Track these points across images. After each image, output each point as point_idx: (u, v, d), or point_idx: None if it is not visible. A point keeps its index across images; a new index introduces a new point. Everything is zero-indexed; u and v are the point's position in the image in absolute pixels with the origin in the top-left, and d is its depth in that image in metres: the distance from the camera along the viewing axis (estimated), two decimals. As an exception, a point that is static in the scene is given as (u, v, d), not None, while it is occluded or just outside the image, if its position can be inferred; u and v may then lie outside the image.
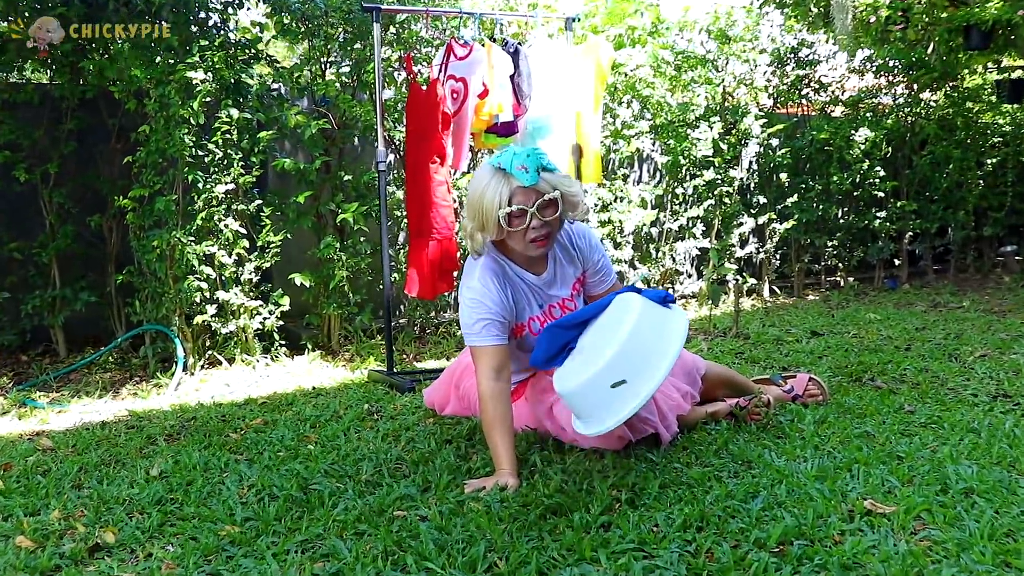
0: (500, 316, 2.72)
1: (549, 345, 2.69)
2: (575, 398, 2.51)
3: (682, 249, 6.86)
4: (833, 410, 3.20)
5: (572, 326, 2.70)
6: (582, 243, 2.95)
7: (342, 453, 2.94)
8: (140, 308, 4.87)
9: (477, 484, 2.47)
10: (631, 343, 2.42)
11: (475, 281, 2.74)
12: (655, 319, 2.53)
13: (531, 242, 2.66)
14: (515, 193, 2.57)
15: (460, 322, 2.79)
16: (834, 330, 5.27)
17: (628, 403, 2.39)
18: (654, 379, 2.39)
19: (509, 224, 2.61)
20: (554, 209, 2.64)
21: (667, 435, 2.78)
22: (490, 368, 2.66)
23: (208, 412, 3.76)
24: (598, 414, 2.45)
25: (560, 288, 2.91)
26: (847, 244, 7.69)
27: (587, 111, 4.61)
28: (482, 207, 2.61)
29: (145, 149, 4.58)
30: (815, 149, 7.24)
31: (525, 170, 2.56)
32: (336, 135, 5.16)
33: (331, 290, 5.01)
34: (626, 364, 2.41)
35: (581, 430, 2.52)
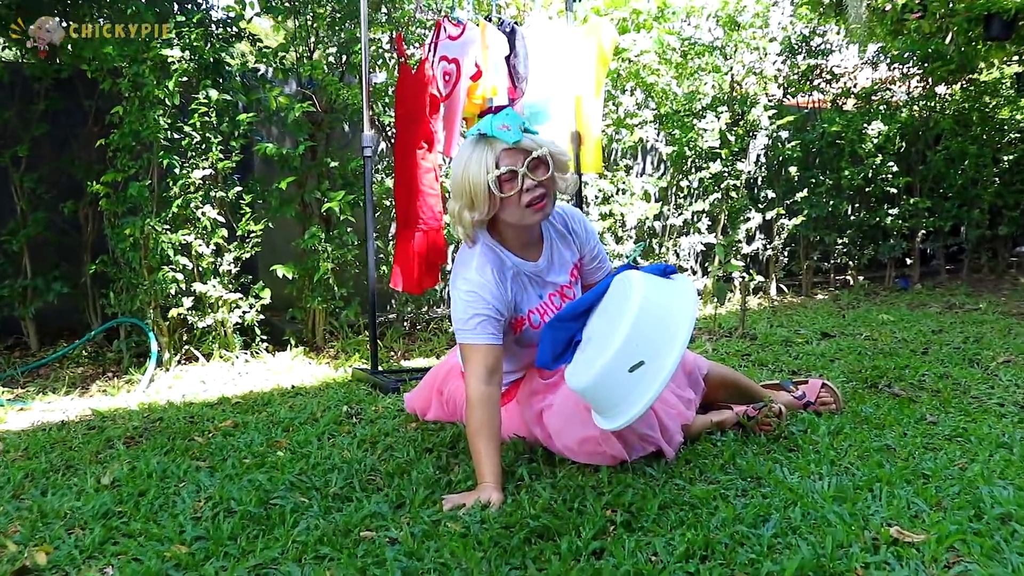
0: (497, 312, 2.47)
1: (554, 342, 2.46)
2: (592, 392, 2.29)
3: (686, 244, 6.60)
4: (849, 420, 2.94)
5: (574, 317, 2.46)
6: (578, 227, 2.72)
7: (312, 462, 2.68)
8: (115, 300, 4.62)
9: (456, 500, 2.23)
10: (641, 320, 2.22)
11: (472, 272, 2.48)
12: (661, 291, 2.33)
13: (527, 207, 2.41)
14: (501, 156, 2.36)
15: (452, 317, 2.53)
16: (845, 331, 5.00)
17: (652, 384, 2.19)
18: (674, 352, 2.20)
19: (500, 189, 2.38)
20: (545, 168, 2.41)
21: (671, 450, 2.52)
22: (482, 369, 2.41)
23: (176, 412, 3.51)
24: (621, 404, 2.25)
25: (558, 274, 2.66)
26: (857, 242, 7.43)
27: (587, 96, 4.35)
28: (468, 180, 2.39)
29: (119, 132, 4.32)
30: (826, 142, 6.97)
31: (507, 129, 2.36)
32: (323, 119, 4.89)
33: (316, 283, 4.76)
34: (640, 343, 2.21)
35: (606, 425, 2.31)
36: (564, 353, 2.44)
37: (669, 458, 2.51)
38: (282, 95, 4.56)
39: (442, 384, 3.04)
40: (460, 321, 2.46)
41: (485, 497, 2.22)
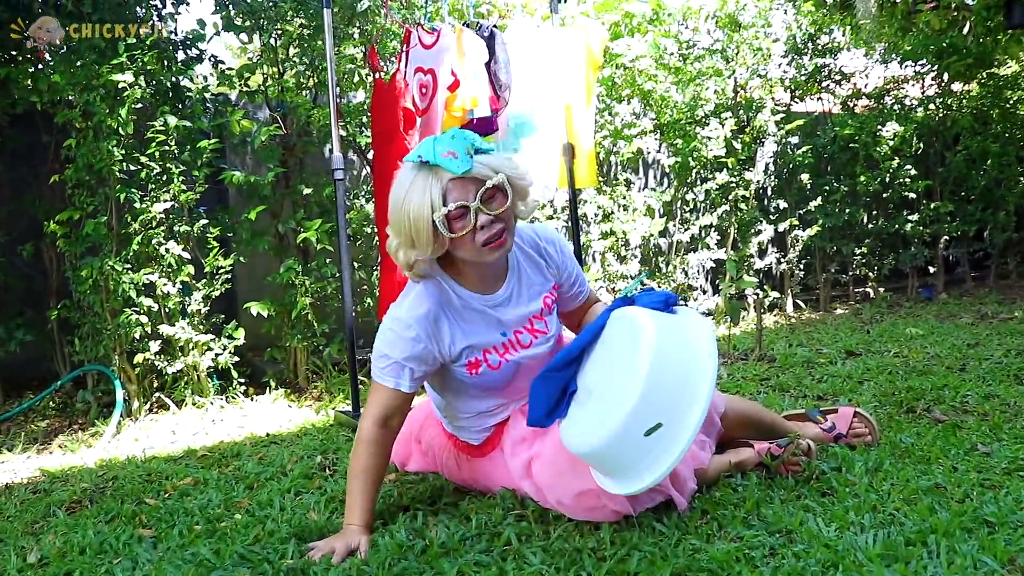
0: (413, 362, 2.17)
1: (547, 396, 2.13)
2: (598, 458, 1.99)
3: (695, 261, 6.22)
4: (887, 453, 2.55)
5: (566, 365, 2.13)
6: (552, 249, 2.37)
7: (269, 527, 2.32)
8: (80, 346, 4.28)
9: (325, 548, 2.06)
10: (656, 376, 1.90)
11: (402, 310, 2.18)
12: (672, 334, 2.00)
13: (484, 246, 2.07)
14: (449, 189, 2.01)
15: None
16: (872, 349, 4.60)
17: (671, 449, 1.91)
18: (697, 409, 1.92)
19: (450, 229, 2.04)
20: (503, 197, 2.06)
21: (683, 500, 2.14)
22: (379, 411, 2.19)
23: (134, 470, 3.16)
24: (635, 468, 1.93)
25: (525, 303, 2.30)
26: (877, 251, 7.03)
27: (578, 104, 4.01)
28: (408, 217, 2.03)
29: (73, 166, 3.99)
30: (839, 147, 6.60)
31: (453, 156, 1.99)
32: (295, 144, 4.56)
33: (294, 320, 4.40)
34: (657, 402, 1.90)
35: (616, 490, 1.98)
36: (558, 407, 2.11)
37: (681, 509, 2.13)
38: (245, 118, 4.23)
39: (420, 432, 2.68)
40: (374, 355, 2.21)
41: (354, 542, 2.08)
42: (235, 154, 4.91)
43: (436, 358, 2.20)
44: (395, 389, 2.17)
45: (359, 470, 2.20)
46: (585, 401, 2.08)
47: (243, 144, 4.56)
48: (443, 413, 2.46)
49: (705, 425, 2.39)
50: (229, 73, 4.47)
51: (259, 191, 4.35)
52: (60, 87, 3.89)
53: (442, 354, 2.20)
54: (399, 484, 2.65)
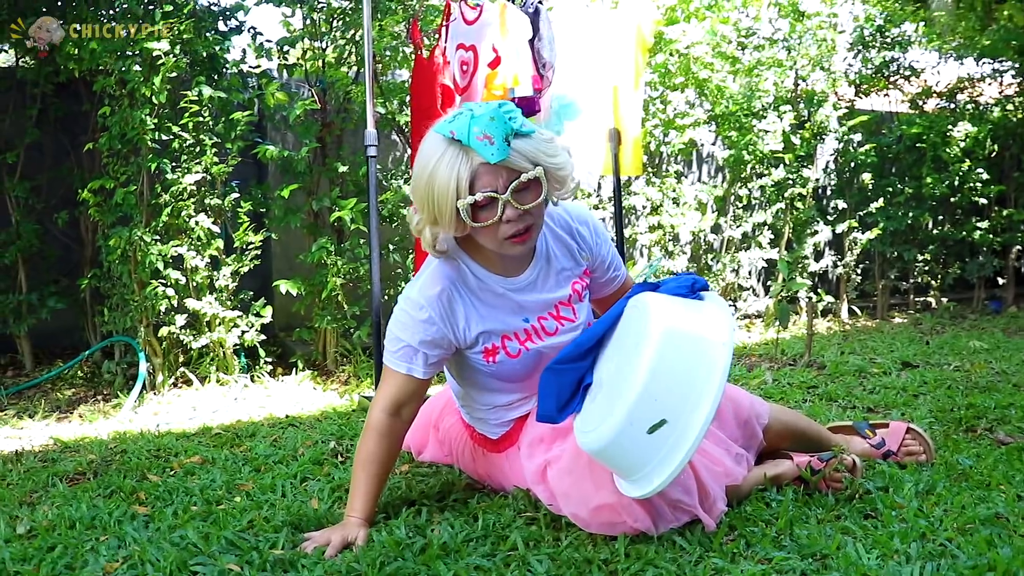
0: (426, 345, 2.02)
1: (559, 388, 1.95)
2: (606, 456, 1.82)
3: (746, 260, 5.97)
4: (942, 474, 2.31)
5: (580, 356, 1.95)
6: (585, 230, 2.18)
7: (266, 513, 2.19)
8: (108, 317, 4.22)
9: (320, 540, 1.94)
10: (660, 368, 1.73)
11: (415, 290, 2.03)
12: (686, 323, 1.82)
13: (506, 240, 1.90)
14: (479, 174, 1.82)
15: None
16: (930, 361, 4.33)
17: (678, 450, 1.73)
18: (702, 410, 1.73)
19: (474, 218, 1.86)
20: (536, 192, 1.88)
21: (711, 521, 1.94)
22: (390, 399, 2.05)
23: (144, 444, 3.06)
24: (646, 468, 1.76)
25: (552, 289, 2.13)
26: (941, 259, 6.70)
27: (625, 87, 3.81)
28: (433, 194, 1.85)
29: (107, 134, 3.92)
30: (905, 146, 6.29)
31: (489, 141, 1.79)
32: (332, 120, 4.42)
33: (324, 300, 4.28)
34: (660, 397, 1.73)
35: (632, 492, 1.81)
36: (572, 400, 1.94)
37: (709, 529, 1.93)
38: (280, 91, 4.10)
39: (438, 419, 2.53)
40: (387, 338, 2.08)
41: (351, 536, 1.95)
42: (276, 130, 4.82)
43: (451, 342, 2.04)
44: (407, 375, 2.03)
45: (364, 460, 2.06)
46: (596, 395, 1.90)
47: (282, 120, 4.44)
48: (461, 402, 2.30)
49: (746, 436, 2.20)
50: (268, 46, 4.35)
51: (293, 167, 4.22)
52: (98, 54, 3.81)
53: (457, 338, 2.04)
54: (410, 476, 2.50)
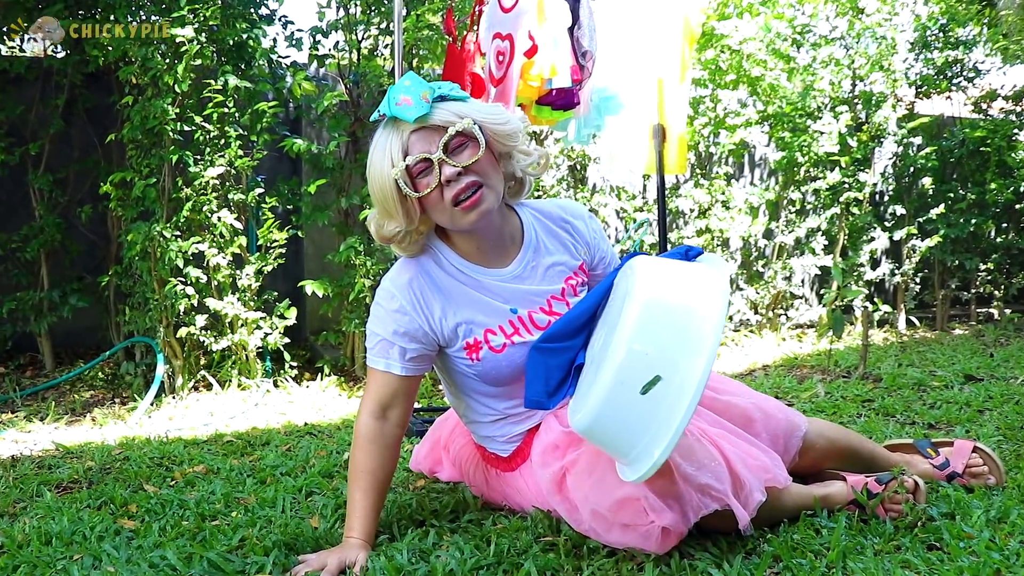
0: (402, 341, 1.85)
1: (547, 370, 1.76)
2: (599, 432, 1.60)
3: (798, 267, 5.68)
4: (1015, 500, 2.05)
5: (570, 334, 1.77)
6: (581, 225, 2.03)
7: (261, 531, 1.99)
8: (130, 316, 4.08)
9: (315, 564, 1.73)
10: (648, 319, 1.55)
11: (387, 281, 1.90)
12: (674, 275, 1.67)
13: (456, 206, 1.75)
14: (410, 144, 1.74)
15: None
16: (995, 374, 4.03)
17: (677, 407, 1.50)
18: (702, 355, 1.51)
19: (413, 187, 1.75)
20: (474, 146, 1.76)
21: (745, 515, 1.70)
22: (374, 401, 1.88)
23: (149, 451, 2.89)
24: (640, 443, 1.53)
25: (542, 282, 1.94)
26: (1004, 268, 6.34)
27: (671, 80, 3.58)
28: (374, 179, 1.79)
29: (128, 124, 3.78)
30: (967, 151, 5.96)
31: (407, 103, 1.72)
32: (365, 114, 4.25)
33: (352, 302, 4.10)
34: (653, 350, 1.53)
35: (631, 476, 1.57)
36: (563, 384, 1.74)
37: (743, 525, 1.69)
38: (307, 81, 3.94)
39: (448, 440, 2.32)
40: (367, 336, 1.93)
41: (350, 558, 1.75)
42: (311, 126, 4.66)
43: (428, 335, 1.86)
44: (386, 372, 1.86)
45: (356, 473, 1.87)
46: (587, 371, 1.70)
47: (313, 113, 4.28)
48: (466, 420, 2.09)
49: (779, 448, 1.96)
50: (299, 35, 4.20)
51: (322, 162, 4.06)
52: (122, 42, 3.68)
53: (434, 331, 1.86)
54: (423, 492, 2.29)
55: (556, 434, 1.88)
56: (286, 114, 4.60)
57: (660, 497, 1.63)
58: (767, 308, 5.72)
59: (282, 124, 4.25)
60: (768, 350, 5.16)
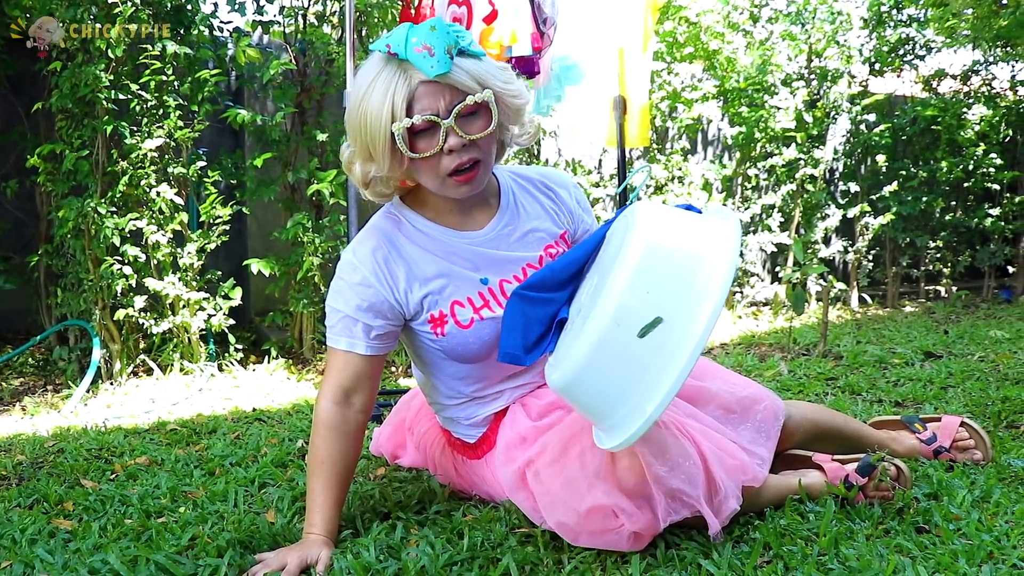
0: (366, 316, 1.70)
1: (526, 321, 1.61)
2: (584, 386, 1.43)
3: (754, 244, 5.63)
4: (994, 478, 1.99)
5: (557, 285, 1.61)
6: (565, 194, 1.90)
7: (211, 528, 1.83)
8: (62, 298, 3.85)
9: (274, 564, 1.58)
10: (652, 256, 1.39)
11: (348, 252, 1.74)
12: (678, 220, 1.51)
13: (449, 176, 1.61)
14: (417, 95, 1.56)
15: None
16: (953, 351, 4.01)
17: (678, 354, 1.33)
18: (712, 296, 1.35)
19: (411, 147, 1.58)
20: (485, 121, 1.61)
21: (717, 524, 1.59)
22: (335, 384, 1.72)
23: (86, 442, 2.70)
24: (632, 399, 1.37)
25: (518, 248, 1.80)
26: (953, 245, 6.39)
27: (632, 50, 3.47)
28: (366, 120, 1.59)
29: (58, 92, 3.54)
30: (918, 129, 5.96)
31: (428, 52, 1.53)
32: (312, 83, 4.05)
33: (300, 281, 3.92)
34: (654, 288, 1.37)
35: (608, 445, 1.44)
36: (543, 340, 1.59)
37: (713, 532, 1.59)
38: (250, 47, 3.73)
39: (414, 422, 2.17)
40: (327, 314, 1.77)
41: (312, 556, 1.61)
42: (255, 97, 4.45)
43: (394, 308, 1.71)
44: (349, 352, 1.71)
45: (317, 463, 1.72)
46: (571, 325, 1.55)
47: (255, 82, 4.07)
48: (430, 399, 1.95)
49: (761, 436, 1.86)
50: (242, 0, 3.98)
51: (268, 134, 3.86)
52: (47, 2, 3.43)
53: (399, 303, 1.71)
54: (385, 482, 2.15)
55: (523, 428, 1.76)
56: (228, 84, 4.38)
57: (631, 499, 1.52)
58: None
59: (224, 94, 4.03)
60: (724, 328, 5.11)
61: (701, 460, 1.60)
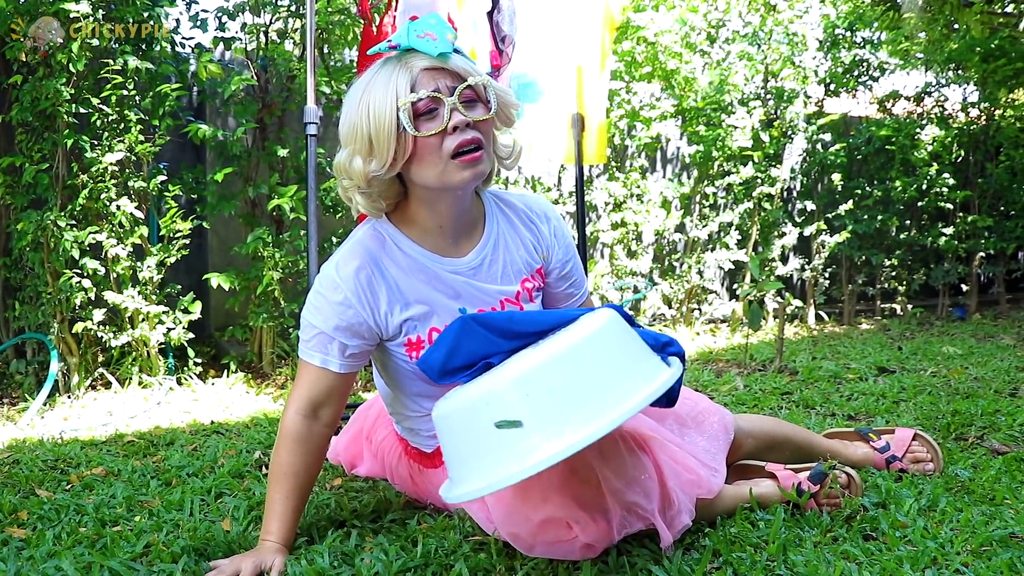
0: (343, 336, 1.70)
1: (456, 344, 1.55)
2: (446, 429, 1.48)
3: (712, 261, 5.71)
4: (941, 488, 2.05)
5: (506, 333, 1.56)
6: (545, 228, 1.90)
7: (166, 538, 1.84)
8: (20, 311, 3.82)
9: (229, 570, 1.61)
10: (558, 365, 1.40)
11: (331, 268, 1.71)
12: (621, 347, 1.48)
13: (454, 158, 1.61)
14: (419, 79, 1.59)
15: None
16: (906, 367, 4.10)
17: (510, 462, 1.35)
18: (576, 437, 1.33)
19: (416, 125, 1.58)
20: (484, 106, 1.66)
21: (668, 535, 1.62)
22: (305, 398, 1.73)
23: (42, 454, 2.69)
24: (466, 468, 1.43)
25: (497, 280, 1.81)
26: (907, 264, 6.52)
27: (591, 68, 3.53)
28: (368, 112, 1.59)
29: (18, 105, 3.54)
30: (873, 149, 6.09)
31: (432, 37, 1.60)
32: (273, 100, 4.07)
33: (260, 296, 3.92)
34: (536, 395, 1.37)
35: (443, 492, 1.50)
36: (461, 372, 1.56)
37: (664, 545, 1.61)
38: (211, 63, 3.75)
39: (371, 430, 2.18)
40: (301, 325, 1.76)
41: (267, 563, 1.64)
42: (217, 113, 4.46)
43: (372, 330, 1.71)
44: (322, 368, 1.71)
45: (279, 474, 1.73)
46: (485, 375, 1.54)
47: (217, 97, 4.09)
48: (390, 408, 1.96)
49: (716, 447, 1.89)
50: (204, 16, 3.99)
51: (228, 149, 3.87)
52: (8, 16, 3.43)
53: (378, 325, 1.71)
54: (341, 492, 2.17)
55: None
56: (190, 99, 4.38)
57: (585, 510, 1.52)
58: (680, 303, 5.74)
59: (186, 109, 4.04)
60: (683, 344, 5.17)
61: (657, 474, 1.63)
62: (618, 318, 1.53)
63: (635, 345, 1.51)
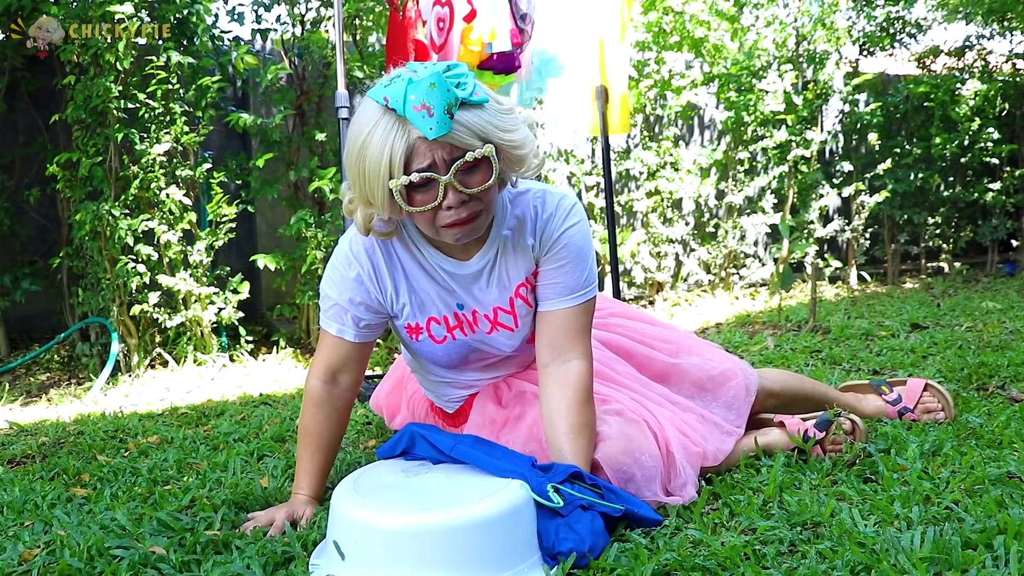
0: (357, 309, 1.79)
1: (420, 436, 1.68)
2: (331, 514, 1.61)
3: (749, 226, 5.74)
4: (949, 434, 2.11)
5: (443, 453, 1.65)
6: (548, 235, 1.79)
7: (210, 493, 2.01)
8: (83, 297, 4.06)
9: (264, 519, 1.76)
10: (427, 528, 1.44)
11: (346, 243, 1.79)
12: (511, 533, 1.48)
13: (443, 227, 1.62)
14: (416, 150, 1.52)
15: None
16: (941, 323, 4.12)
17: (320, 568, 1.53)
18: None
19: (409, 201, 1.57)
20: (486, 174, 1.58)
21: (677, 501, 1.72)
22: (324, 364, 1.84)
23: (103, 425, 2.90)
24: (321, 557, 1.58)
25: (495, 288, 1.83)
26: (953, 221, 6.45)
27: (611, 40, 3.60)
28: (364, 172, 1.55)
29: (71, 104, 3.75)
30: (912, 106, 6.04)
31: (428, 112, 1.49)
32: (310, 86, 4.23)
33: (304, 275, 4.10)
34: (361, 543, 1.48)
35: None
36: (409, 450, 1.69)
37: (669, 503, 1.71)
38: (248, 54, 3.91)
39: (408, 379, 2.28)
40: (320, 297, 1.87)
41: (299, 513, 1.77)
42: (259, 103, 4.64)
43: (383, 305, 1.80)
44: (338, 337, 1.81)
45: (305, 434, 1.88)
46: (401, 478, 1.63)
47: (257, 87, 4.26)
48: (412, 368, 2.11)
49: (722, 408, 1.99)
50: (241, 9, 4.17)
51: (268, 136, 4.04)
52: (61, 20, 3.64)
53: (386, 303, 1.80)
54: (372, 451, 2.32)
55: (493, 409, 1.91)
56: (234, 90, 4.57)
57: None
58: (719, 267, 5.78)
59: (229, 100, 4.23)
60: (721, 309, 5.23)
61: (665, 448, 1.73)
62: (526, 501, 1.51)
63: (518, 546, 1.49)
